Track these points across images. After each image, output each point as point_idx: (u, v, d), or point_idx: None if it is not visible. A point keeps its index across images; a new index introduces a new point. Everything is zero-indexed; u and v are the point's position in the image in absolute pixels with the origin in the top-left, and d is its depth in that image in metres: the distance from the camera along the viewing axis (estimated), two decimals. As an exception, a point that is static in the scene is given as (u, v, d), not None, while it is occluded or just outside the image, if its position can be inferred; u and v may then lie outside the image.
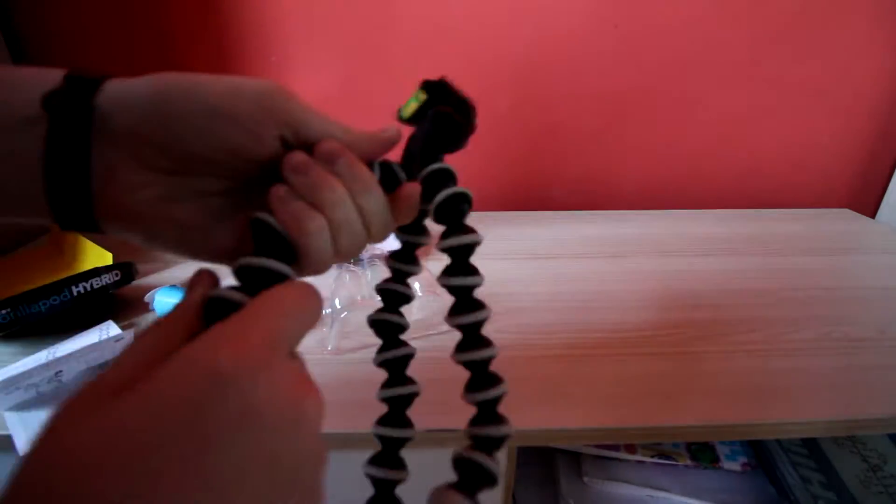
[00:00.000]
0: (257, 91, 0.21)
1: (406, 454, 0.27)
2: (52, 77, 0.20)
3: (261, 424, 0.15)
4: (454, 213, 0.23)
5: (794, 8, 0.81)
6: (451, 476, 0.23)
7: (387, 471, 0.25)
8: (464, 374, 0.49)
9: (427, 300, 0.59)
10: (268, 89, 0.21)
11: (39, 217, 0.21)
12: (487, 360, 0.24)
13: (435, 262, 0.74)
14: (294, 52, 0.82)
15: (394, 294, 0.26)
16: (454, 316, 0.23)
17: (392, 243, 0.28)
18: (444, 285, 0.23)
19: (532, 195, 0.94)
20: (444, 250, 0.23)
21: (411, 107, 0.25)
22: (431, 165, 0.23)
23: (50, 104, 0.19)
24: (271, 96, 0.21)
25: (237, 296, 0.18)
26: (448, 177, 0.24)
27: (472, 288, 0.24)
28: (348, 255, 0.23)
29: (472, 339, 0.24)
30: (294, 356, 0.18)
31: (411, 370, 0.28)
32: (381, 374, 0.27)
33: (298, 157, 0.21)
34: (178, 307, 0.18)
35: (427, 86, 0.24)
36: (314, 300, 0.19)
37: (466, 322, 0.23)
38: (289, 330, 0.17)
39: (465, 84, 0.25)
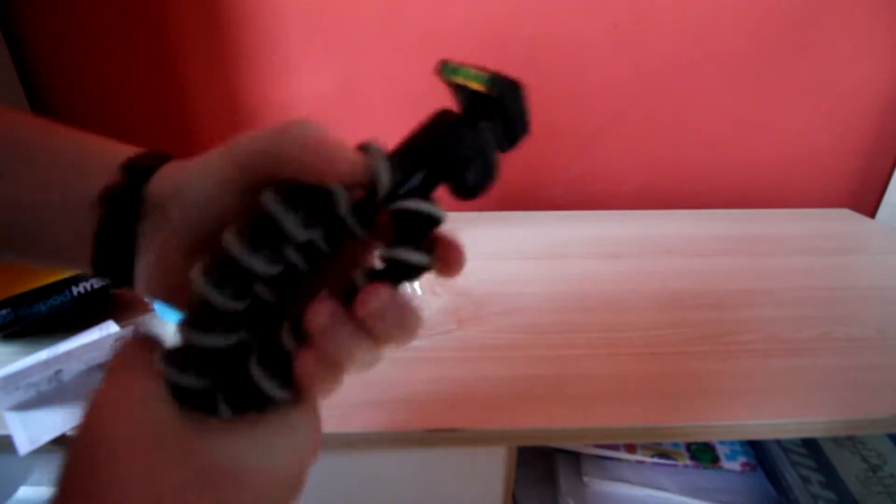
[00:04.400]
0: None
1: (405, 454, 0.27)
2: (115, 158, 0.22)
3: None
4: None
5: (794, 8, 0.81)
6: (451, 477, 0.23)
7: None
8: (464, 374, 0.49)
9: (427, 300, 0.59)
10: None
11: (84, 270, 0.22)
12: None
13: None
14: (294, 51, 0.82)
15: None
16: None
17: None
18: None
19: (532, 195, 0.94)
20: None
21: (471, 80, 0.18)
22: (424, 205, 0.18)
23: (106, 200, 0.21)
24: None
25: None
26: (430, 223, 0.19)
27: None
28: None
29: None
30: None
31: (413, 369, 0.28)
32: (383, 375, 0.27)
33: (322, 315, 0.18)
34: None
35: (497, 83, 0.18)
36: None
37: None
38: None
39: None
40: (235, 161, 0.19)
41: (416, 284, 0.60)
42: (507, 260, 0.71)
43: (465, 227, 0.84)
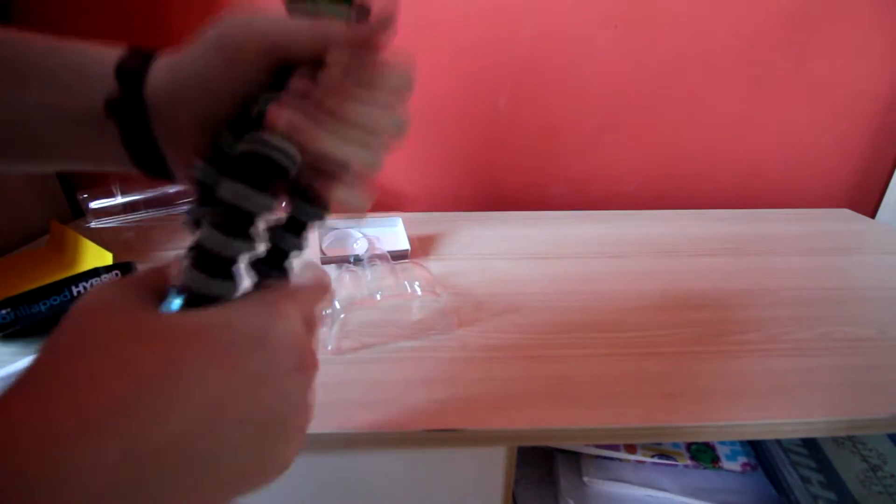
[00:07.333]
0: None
1: (405, 454, 0.27)
2: (109, 64, 0.25)
3: (268, 359, 0.19)
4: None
5: (794, 8, 0.81)
6: (451, 477, 0.23)
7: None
8: (464, 374, 0.49)
9: (427, 300, 0.59)
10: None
11: (128, 168, 0.27)
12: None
13: (435, 263, 0.74)
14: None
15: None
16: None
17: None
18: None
19: (532, 195, 0.94)
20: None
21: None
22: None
23: (111, 110, 0.24)
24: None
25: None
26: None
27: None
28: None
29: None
30: (309, 328, 0.23)
31: (411, 369, 0.28)
32: (383, 375, 0.27)
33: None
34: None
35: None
36: (328, 282, 0.25)
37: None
38: (309, 306, 0.23)
39: (466, 83, 0.24)
40: (223, 47, 0.24)
41: (416, 285, 0.60)
42: (507, 260, 0.71)
43: (465, 227, 0.84)
